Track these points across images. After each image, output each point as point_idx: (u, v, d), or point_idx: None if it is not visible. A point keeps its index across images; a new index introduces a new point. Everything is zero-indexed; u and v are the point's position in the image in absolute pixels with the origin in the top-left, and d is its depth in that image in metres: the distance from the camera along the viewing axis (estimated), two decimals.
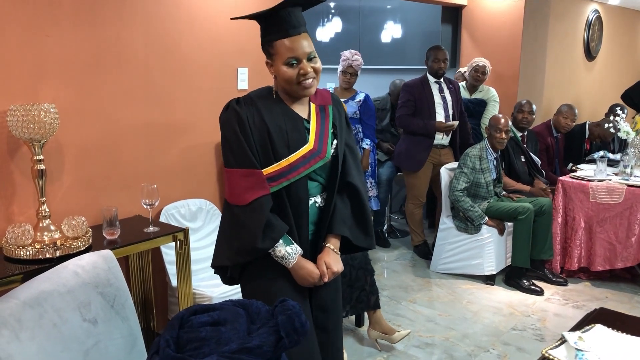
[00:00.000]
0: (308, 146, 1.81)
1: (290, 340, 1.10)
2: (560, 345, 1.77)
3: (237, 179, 1.76)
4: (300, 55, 1.74)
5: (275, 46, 1.75)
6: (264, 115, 1.78)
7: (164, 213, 3.01)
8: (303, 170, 1.79)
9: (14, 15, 2.38)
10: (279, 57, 1.76)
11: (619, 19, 7.22)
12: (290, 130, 1.80)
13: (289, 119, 1.82)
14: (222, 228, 1.88)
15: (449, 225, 4.28)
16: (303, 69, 1.75)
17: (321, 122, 1.87)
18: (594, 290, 4.04)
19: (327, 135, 1.86)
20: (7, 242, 2.26)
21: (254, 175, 1.74)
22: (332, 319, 1.97)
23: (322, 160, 1.83)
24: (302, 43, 1.75)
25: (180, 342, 1.09)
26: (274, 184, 1.76)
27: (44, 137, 2.29)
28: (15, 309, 1.38)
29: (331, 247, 1.87)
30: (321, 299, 1.93)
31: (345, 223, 1.89)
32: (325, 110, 1.91)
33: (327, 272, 1.83)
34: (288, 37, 1.73)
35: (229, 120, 1.78)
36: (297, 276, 1.82)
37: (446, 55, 4.39)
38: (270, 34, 1.76)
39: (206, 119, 3.20)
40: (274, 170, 1.76)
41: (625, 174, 4.16)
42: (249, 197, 1.74)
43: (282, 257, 1.78)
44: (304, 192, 1.83)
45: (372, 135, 4.58)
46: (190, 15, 3.06)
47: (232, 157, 1.78)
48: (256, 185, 1.74)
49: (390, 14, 7.19)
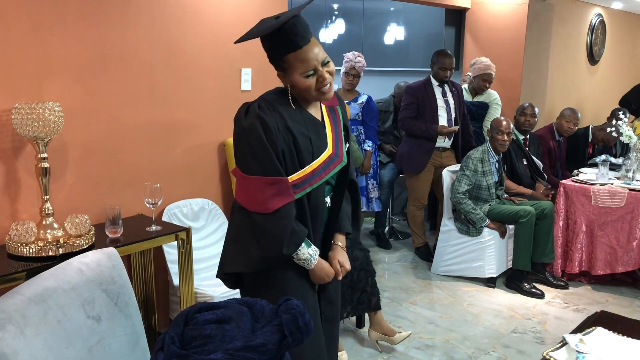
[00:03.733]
0: (328, 151, 1.82)
1: (293, 339, 1.10)
2: (561, 347, 1.78)
3: (261, 187, 1.72)
4: (316, 64, 1.72)
5: (288, 60, 1.72)
6: (288, 122, 1.75)
7: (167, 212, 3.02)
8: (324, 175, 1.80)
9: (20, 14, 2.39)
10: (294, 70, 1.72)
11: (623, 24, 7.23)
12: (313, 136, 1.79)
13: (310, 124, 1.80)
14: (236, 235, 1.83)
15: (450, 228, 4.28)
16: (321, 77, 1.73)
17: (334, 125, 1.88)
18: (594, 294, 4.04)
19: (341, 139, 1.88)
20: (11, 239, 2.27)
21: (280, 183, 1.72)
22: (335, 311, 2.01)
23: (340, 164, 1.85)
24: (315, 51, 1.71)
25: (185, 339, 1.09)
26: (298, 191, 1.76)
27: (48, 136, 2.30)
28: (20, 305, 1.39)
29: (340, 244, 1.92)
30: (328, 292, 1.97)
31: (349, 220, 1.94)
32: (335, 112, 1.91)
33: (341, 270, 1.89)
34: (299, 48, 1.69)
35: (254, 126, 1.71)
36: (314, 276, 1.85)
37: (453, 64, 4.36)
38: (280, 49, 1.72)
39: (209, 119, 3.21)
40: (298, 177, 1.76)
41: (627, 178, 4.17)
42: (275, 204, 1.71)
43: (305, 259, 1.79)
44: (322, 196, 1.85)
45: (374, 137, 4.58)
46: (194, 15, 3.07)
47: (255, 165, 1.73)
48: (282, 192, 1.72)
49: (393, 16, 7.20)
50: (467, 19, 5.64)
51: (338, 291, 2.03)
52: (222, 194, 3.39)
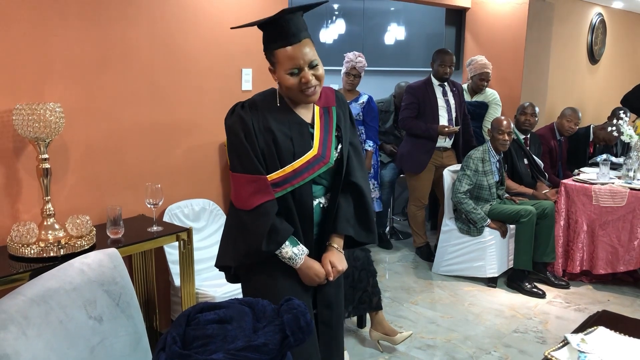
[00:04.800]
0: (312, 152, 1.82)
1: (295, 338, 1.11)
2: (563, 347, 1.78)
3: (243, 184, 1.78)
4: (301, 64, 1.73)
5: (277, 55, 1.75)
6: (269, 121, 1.78)
7: (168, 213, 3.03)
8: (307, 176, 1.81)
9: (20, 15, 2.40)
10: (281, 66, 1.75)
11: (623, 23, 7.22)
12: (295, 136, 1.80)
13: (294, 124, 1.82)
14: (228, 229, 1.89)
15: (451, 227, 4.28)
16: (305, 78, 1.74)
17: (325, 126, 1.88)
18: (596, 294, 4.04)
19: (330, 140, 1.87)
20: (12, 240, 2.27)
21: (259, 181, 1.76)
22: (335, 315, 1.99)
23: (326, 165, 1.85)
24: (303, 51, 1.73)
25: (186, 339, 1.09)
26: (279, 190, 1.78)
27: (49, 136, 2.30)
28: (22, 305, 1.39)
29: (335, 246, 1.90)
30: (325, 296, 1.95)
31: (349, 222, 1.91)
32: (329, 113, 1.91)
33: (332, 271, 1.87)
34: (289, 45, 1.72)
35: (234, 126, 1.78)
36: (303, 276, 1.85)
37: (453, 61, 4.38)
38: (271, 43, 1.76)
39: (210, 119, 3.21)
40: (278, 176, 1.78)
41: (628, 177, 4.17)
42: (254, 202, 1.75)
43: (290, 258, 1.80)
44: (309, 196, 1.84)
45: (375, 137, 4.58)
46: (195, 16, 3.07)
47: (237, 162, 1.79)
48: (261, 190, 1.76)
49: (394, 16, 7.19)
50: (467, 18, 5.63)
51: (339, 296, 2.01)
52: (223, 194, 3.39)
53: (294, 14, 1.74)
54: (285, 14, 1.72)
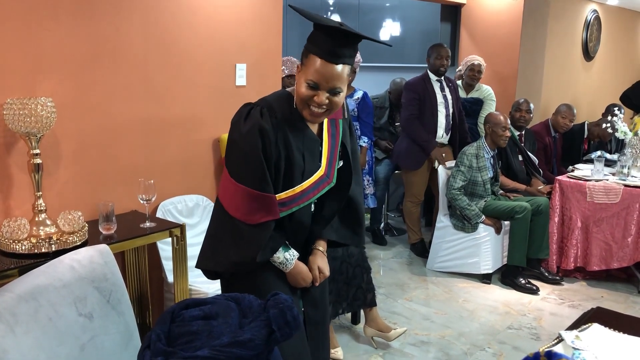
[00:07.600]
0: (320, 172, 1.79)
1: (282, 333, 1.09)
2: (557, 344, 1.77)
3: (246, 198, 1.69)
4: (322, 84, 1.64)
5: (309, 58, 1.66)
6: (288, 134, 1.70)
7: (161, 209, 3.00)
8: (312, 196, 1.78)
9: (12, 9, 2.37)
10: (306, 70, 1.67)
11: (618, 20, 7.22)
12: (307, 154, 1.76)
13: (308, 142, 1.76)
14: (215, 233, 1.81)
15: (446, 224, 4.28)
16: (318, 97, 1.65)
17: (332, 144, 1.83)
18: (589, 290, 4.05)
19: (335, 158, 1.84)
20: (3, 236, 2.25)
21: (267, 200, 1.68)
22: (321, 313, 1.99)
23: (329, 185, 1.83)
24: (333, 74, 1.62)
25: (171, 336, 1.08)
26: (285, 209, 1.73)
27: (40, 131, 2.28)
28: (10, 302, 1.37)
29: (321, 249, 1.90)
30: (311, 295, 1.94)
31: (332, 227, 1.91)
32: (336, 126, 1.86)
33: (319, 277, 1.87)
34: (324, 59, 1.62)
35: (252, 135, 1.67)
36: (291, 279, 1.84)
37: (449, 53, 4.39)
38: (313, 44, 1.65)
39: (204, 114, 3.18)
40: (287, 196, 1.73)
41: (622, 174, 4.17)
42: (258, 219, 1.69)
43: (281, 262, 1.78)
44: (307, 216, 1.84)
45: (370, 133, 4.57)
46: (189, 10, 3.04)
47: (245, 174, 1.69)
48: (266, 208, 1.69)
49: (389, 12, 7.18)
50: (462, 14, 5.63)
51: (324, 294, 2.00)
52: (216, 191, 3.37)
53: (348, 37, 1.63)
54: (347, 34, 1.62)
